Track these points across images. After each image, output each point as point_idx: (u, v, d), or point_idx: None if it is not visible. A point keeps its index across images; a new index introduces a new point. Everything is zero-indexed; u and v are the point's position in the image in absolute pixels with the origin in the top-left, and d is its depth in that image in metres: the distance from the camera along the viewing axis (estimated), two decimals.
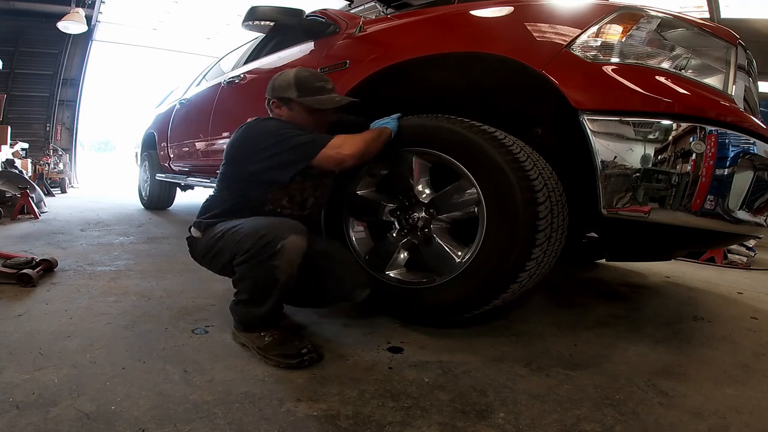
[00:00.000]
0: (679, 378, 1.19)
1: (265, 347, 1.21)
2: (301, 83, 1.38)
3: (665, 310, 1.83)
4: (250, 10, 1.86)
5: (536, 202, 1.23)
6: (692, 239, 1.46)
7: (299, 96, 1.37)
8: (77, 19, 6.82)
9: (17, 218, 3.59)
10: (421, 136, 1.44)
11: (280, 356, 1.18)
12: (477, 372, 1.16)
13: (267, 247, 1.17)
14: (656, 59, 1.28)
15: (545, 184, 1.26)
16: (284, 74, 1.42)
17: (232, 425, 0.89)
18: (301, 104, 1.38)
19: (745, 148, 1.24)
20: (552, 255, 1.31)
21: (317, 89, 1.39)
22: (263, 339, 1.23)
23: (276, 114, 1.43)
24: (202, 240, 1.38)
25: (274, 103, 1.43)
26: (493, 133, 1.33)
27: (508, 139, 1.32)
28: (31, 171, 6.23)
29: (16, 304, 1.53)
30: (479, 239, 1.31)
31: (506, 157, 1.27)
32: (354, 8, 3.31)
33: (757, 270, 2.81)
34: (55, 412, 0.90)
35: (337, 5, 3.18)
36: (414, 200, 1.50)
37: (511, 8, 1.44)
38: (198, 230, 1.40)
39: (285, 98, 1.39)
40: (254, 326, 1.26)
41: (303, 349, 1.19)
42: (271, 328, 1.26)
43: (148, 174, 4.52)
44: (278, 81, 1.42)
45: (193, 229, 1.42)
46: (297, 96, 1.37)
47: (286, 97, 1.39)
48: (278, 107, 1.42)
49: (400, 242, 1.53)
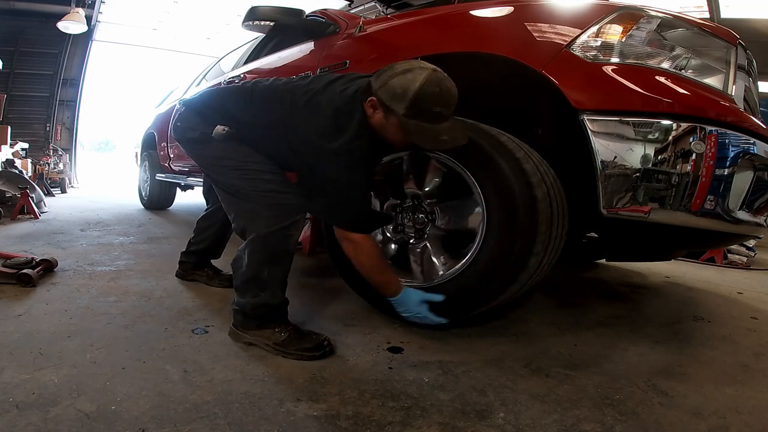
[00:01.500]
0: (679, 378, 1.19)
1: (284, 343, 1.22)
2: (418, 102, 1.13)
3: (665, 310, 1.83)
4: (250, 10, 1.86)
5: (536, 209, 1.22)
6: (692, 239, 1.46)
7: (405, 115, 1.14)
8: (77, 19, 6.82)
9: (17, 218, 3.59)
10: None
11: (303, 350, 1.20)
12: (477, 372, 1.16)
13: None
14: (656, 59, 1.28)
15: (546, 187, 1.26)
16: (408, 77, 1.13)
17: (232, 425, 0.89)
18: (402, 124, 1.15)
19: (745, 148, 1.25)
20: (546, 266, 1.32)
21: (432, 115, 1.15)
22: (279, 335, 1.24)
23: (369, 113, 1.20)
24: (218, 146, 1.31)
25: (372, 101, 1.18)
26: (494, 133, 1.33)
27: (508, 139, 1.32)
28: (31, 171, 6.23)
29: (16, 304, 1.53)
30: (479, 240, 1.31)
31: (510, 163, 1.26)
32: (354, 8, 3.31)
33: (757, 270, 2.81)
34: (55, 412, 0.90)
35: (337, 5, 3.18)
36: (417, 201, 1.50)
37: (511, 8, 1.45)
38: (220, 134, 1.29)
39: (388, 107, 1.15)
40: (268, 321, 1.26)
41: (323, 342, 1.23)
42: (283, 323, 1.28)
43: (148, 174, 4.53)
44: (395, 82, 1.14)
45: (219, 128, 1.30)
46: (403, 114, 1.14)
47: (390, 108, 1.15)
48: (374, 107, 1.18)
49: (393, 237, 1.55)
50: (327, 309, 1.61)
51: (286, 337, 1.23)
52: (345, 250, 1.29)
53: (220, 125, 1.30)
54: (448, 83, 1.17)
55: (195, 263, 1.91)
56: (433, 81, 1.14)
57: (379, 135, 1.24)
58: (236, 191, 1.31)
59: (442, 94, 1.15)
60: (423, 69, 1.15)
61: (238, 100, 1.36)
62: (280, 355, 1.21)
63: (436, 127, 1.16)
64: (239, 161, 1.29)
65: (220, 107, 1.37)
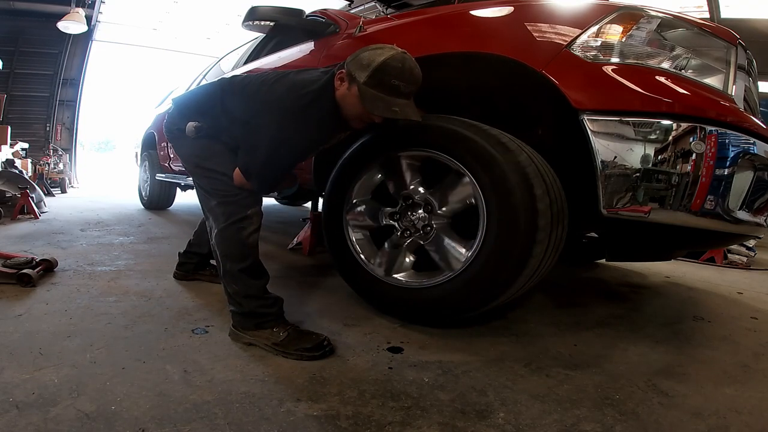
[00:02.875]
0: (679, 378, 1.19)
1: (283, 343, 1.23)
2: (379, 73, 1.20)
3: (665, 310, 1.83)
4: (250, 10, 1.86)
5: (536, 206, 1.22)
6: (692, 239, 1.46)
7: (365, 83, 1.21)
8: (77, 19, 6.82)
9: (17, 218, 3.59)
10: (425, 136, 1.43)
11: (302, 350, 1.21)
12: (477, 372, 1.16)
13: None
14: (656, 59, 1.28)
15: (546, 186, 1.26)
16: (377, 51, 1.23)
17: (232, 425, 0.89)
18: (359, 92, 1.22)
19: (745, 148, 1.25)
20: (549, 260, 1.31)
21: (389, 87, 1.22)
22: (278, 335, 1.25)
23: (336, 85, 1.28)
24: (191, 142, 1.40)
25: (341, 73, 1.27)
26: (495, 133, 1.33)
27: (509, 139, 1.32)
28: (31, 171, 6.23)
29: (16, 304, 1.53)
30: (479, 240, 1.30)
31: (509, 160, 1.26)
32: (354, 8, 3.32)
33: (757, 270, 2.81)
34: (55, 412, 0.90)
35: (337, 5, 3.18)
36: (410, 201, 1.49)
37: (511, 8, 1.45)
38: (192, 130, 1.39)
39: (353, 76, 1.23)
40: (264, 321, 1.28)
41: (324, 341, 1.24)
42: (282, 322, 1.30)
43: (148, 174, 4.52)
44: (364, 54, 1.24)
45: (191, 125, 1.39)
46: (363, 81, 1.21)
47: (354, 76, 1.23)
48: (342, 79, 1.27)
49: (404, 244, 1.51)
50: (327, 309, 1.61)
51: (285, 337, 1.24)
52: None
53: (192, 121, 1.39)
54: (412, 64, 1.25)
55: (197, 264, 1.92)
56: (399, 58, 1.22)
57: (340, 111, 1.30)
58: (203, 189, 1.40)
59: (404, 69, 1.22)
60: (393, 49, 1.24)
61: (210, 90, 1.44)
62: (281, 356, 1.21)
63: (391, 99, 1.23)
64: (202, 158, 1.39)
65: (196, 101, 1.46)
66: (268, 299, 1.33)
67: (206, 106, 1.41)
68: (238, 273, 1.32)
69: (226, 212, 1.32)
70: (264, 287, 1.35)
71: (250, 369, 1.14)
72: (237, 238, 1.32)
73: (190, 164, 1.42)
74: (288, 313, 1.36)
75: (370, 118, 1.30)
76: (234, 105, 1.35)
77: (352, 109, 1.28)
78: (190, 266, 1.92)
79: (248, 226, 1.33)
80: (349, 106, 1.28)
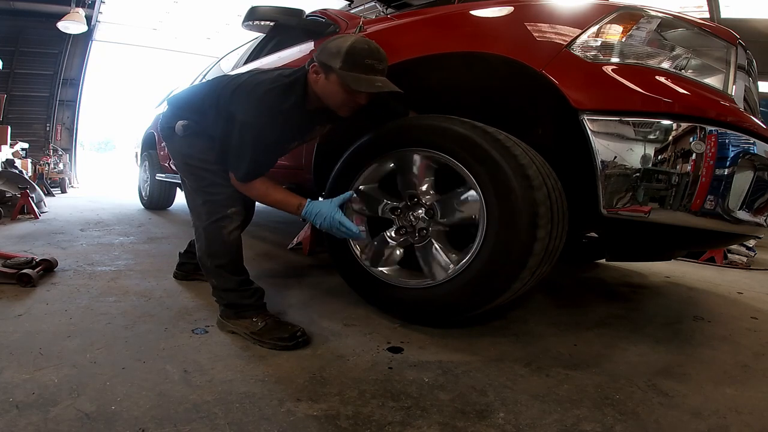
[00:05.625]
0: (679, 378, 1.19)
1: (260, 332, 1.29)
2: (351, 56, 1.23)
3: (665, 310, 1.83)
4: (250, 10, 1.86)
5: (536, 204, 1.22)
6: (692, 239, 1.46)
7: (341, 68, 1.24)
8: (77, 19, 6.82)
9: (17, 218, 3.59)
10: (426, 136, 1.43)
11: (276, 339, 1.26)
12: (477, 372, 1.16)
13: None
14: (656, 59, 1.28)
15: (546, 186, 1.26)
16: (341, 39, 1.28)
17: (232, 425, 0.89)
18: (339, 77, 1.25)
19: (745, 148, 1.24)
20: (549, 259, 1.31)
21: (365, 66, 1.25)
22: (257, 324, 1.30)
23: (312, 79, 1.31)
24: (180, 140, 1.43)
25: (314, 67, 1.30)
26: (494, 133, 1.32)
27: (509, 139, 1.32)
28: (31, 171, 6.24)
29: (16, 304, 1.53)
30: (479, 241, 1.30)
31: (508, 160, 1.25)
32: (354, 8, 3.32)
33: (757, 270, 2.81)
34: (55, 412, 0.90)
35: (337, 5, 3.18)
36: (416, 200, 1.49)
37: (511, 8, 1.44)
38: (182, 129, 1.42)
39: (327, 65, 1.26)
40: (244, 310, 1.35)
41: (297, 332, 1.28)
42: (262, 312, 1.35)
43: (148, 174, 4.52)
44: (330, 44, 1.28)
45: (181, 123, 1.43)
46: (339, 67, 1.24)
47: (329, 65, 1.25)
48: (317, 72, 1.30)
49: (398, 240, 1.52)
50: (327, 309, 1.61)
51: (262, 326, 1.30)
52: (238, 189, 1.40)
53: (182, 120, 1.43)
54: (376, 45, 1.30)
55: (197, 264, 1.91)
56: (363, 41, 1.28)
57: (324, 102, 1.33)
58: (190, 187, 1.45)
59: (371, 49, 1.28)
60: (354, 35, 1.34)
61: (202, 89, 1.48)
62: (257, 344, 1.27)
63: (370, 77, 1.26)
64: (188, 156, 1.43)
65: (186, 100, 1.50)
66: (247, 291, 1.40)
67: (196, 104, 1.44)
68: (217, 269, 1.39)
69: (209, 211, 1.39)
70: (243, 281, 1.42)
71: (250, 369, 1.14)
72: (218, 235, 1.38)
73: (178, 161, 1.46)
74: (288, 313, 1.37)
75: (355, 102, 1.32)
76: (220, 102, 1.39)
77: (336, 96, 1.30)
78: (190, 266, 1.91)
79: (229, 224, 1.39)
80: (332, 95, 1.30)
